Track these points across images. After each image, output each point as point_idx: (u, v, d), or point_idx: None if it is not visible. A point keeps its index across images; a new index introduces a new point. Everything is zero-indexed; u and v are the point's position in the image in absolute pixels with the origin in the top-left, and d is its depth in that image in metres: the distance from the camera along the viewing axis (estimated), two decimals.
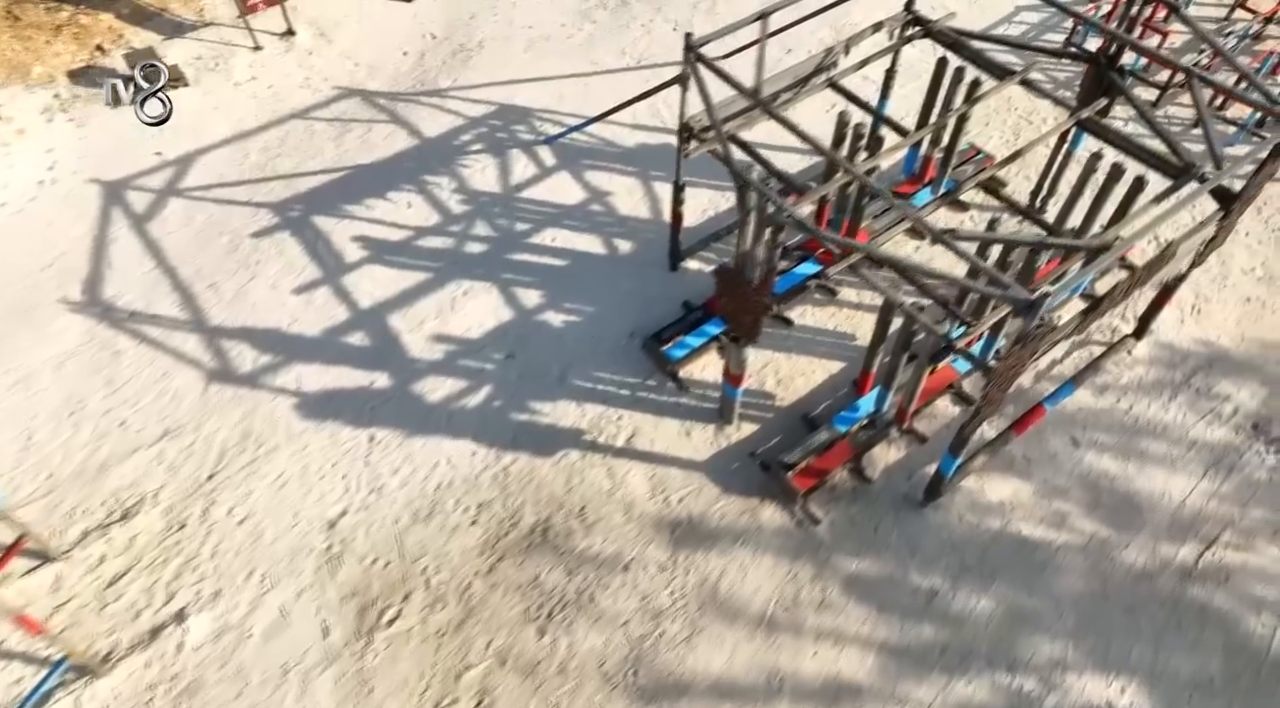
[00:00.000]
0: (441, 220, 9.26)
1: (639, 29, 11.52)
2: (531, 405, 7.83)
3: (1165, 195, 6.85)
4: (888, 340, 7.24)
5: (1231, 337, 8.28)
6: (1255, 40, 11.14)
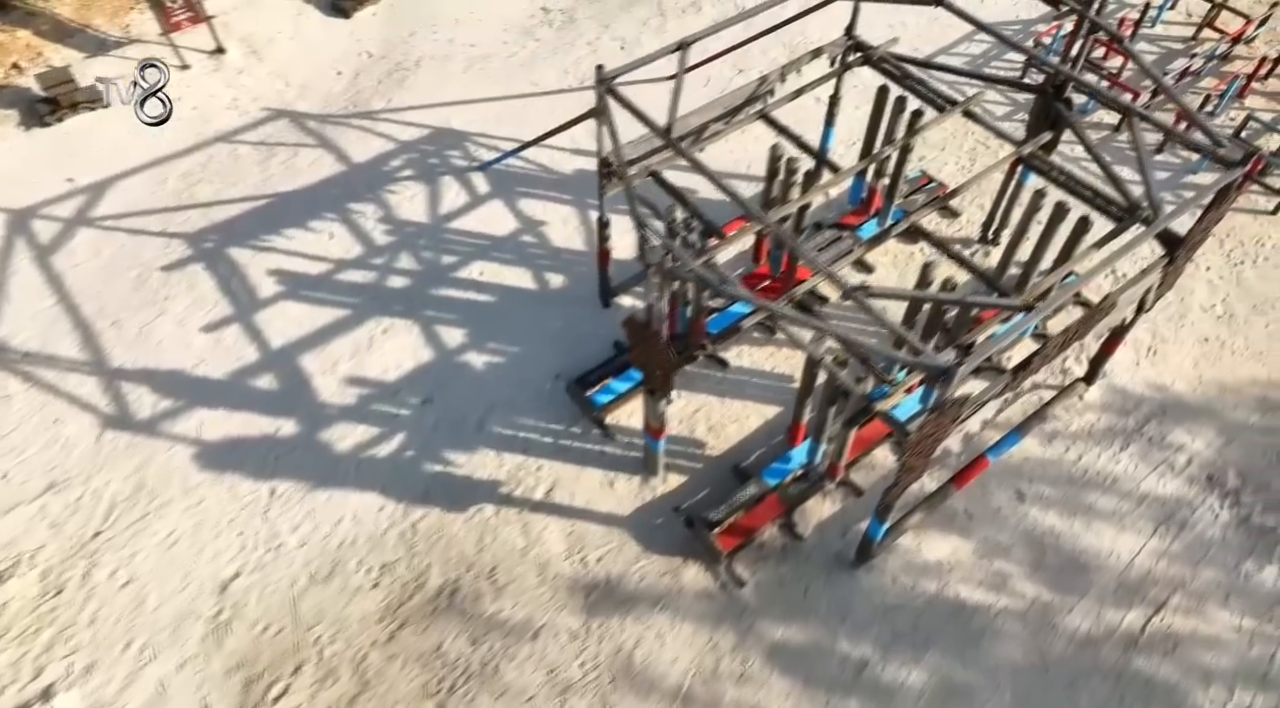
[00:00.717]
0: (364, 252, 8.81)
1: (584, 48, 11.10)
2: (447, 455, 7.38)
3: (1108, 239, 6.48)
4: (815, 393, 6.83)
5: (1188, 380, 7.89)
6: (1223, 61, 10.77)
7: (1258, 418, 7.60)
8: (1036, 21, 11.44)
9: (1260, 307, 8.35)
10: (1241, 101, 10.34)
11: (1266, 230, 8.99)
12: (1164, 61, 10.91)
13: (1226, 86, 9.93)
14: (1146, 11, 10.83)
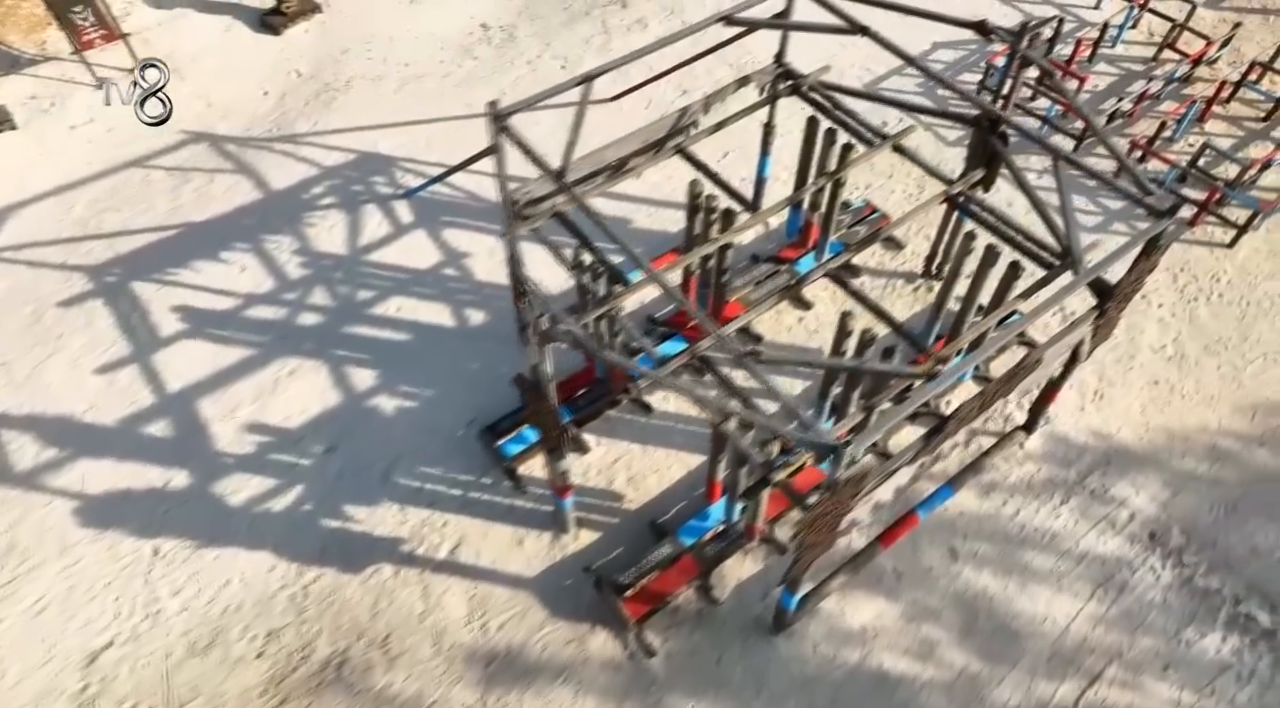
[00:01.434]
0: (276, 287, 8.38)
1: (524, 67, 10.68)
2: (347, 509, 6.96)
3: (1036, 288, 6.10)
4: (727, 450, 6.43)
5: (1135, 427, 7.51)
6: (1184, 83, 10.41)
7: (1206, 468, 7.23)
8: (995, 42, 11.07)
9: (1212, 347, 7.99)
10: (1202, 126, 9.99)
11: (1222, 264, 8.62)
12: (1124, 83, 10.55)
13: (1185, 111, 9.57)
14: (1105, 32, 10.48)
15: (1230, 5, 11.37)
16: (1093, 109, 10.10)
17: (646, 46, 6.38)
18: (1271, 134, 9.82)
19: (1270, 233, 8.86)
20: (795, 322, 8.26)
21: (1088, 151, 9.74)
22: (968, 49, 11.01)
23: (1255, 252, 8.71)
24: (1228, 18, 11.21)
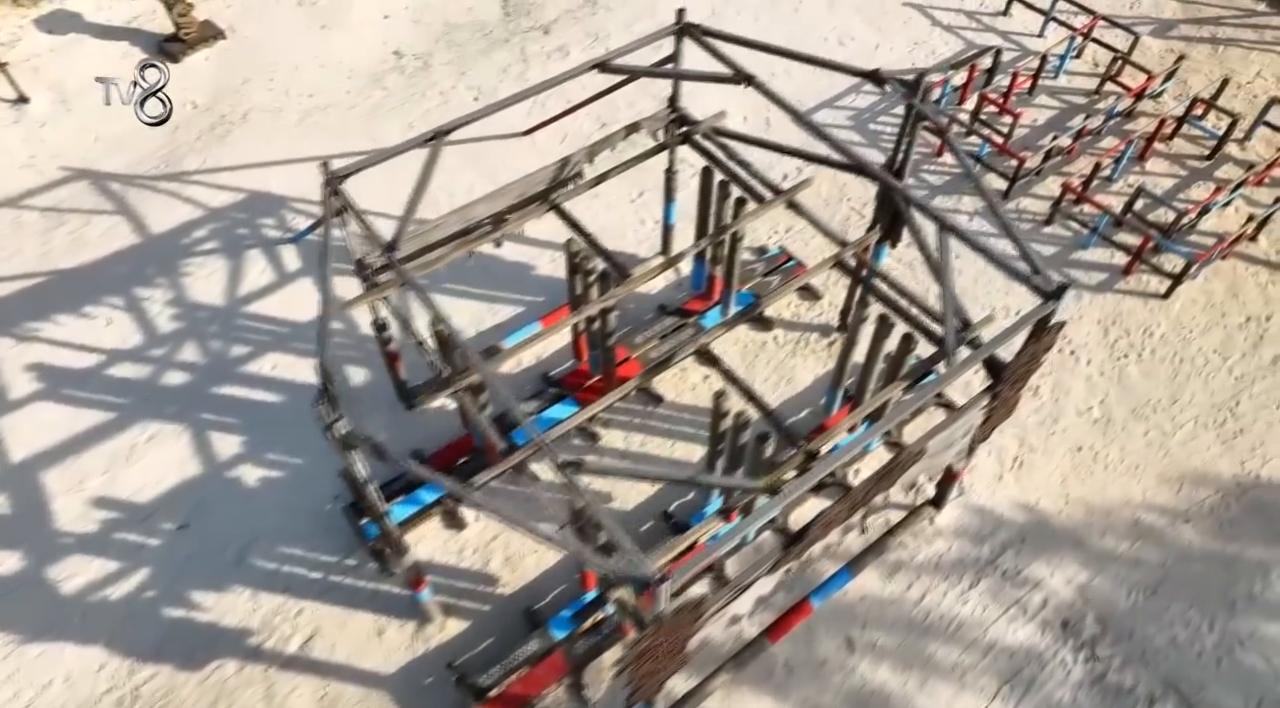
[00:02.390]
0: (144, 342, 7.81)
1: (435, 98, 10.15)
2: (194, 596, 6.40)
3: (923, 370, 5.60)
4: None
5: (1054, 499, 7.02)
6: (1127, 118, 9.94)
7: (1126, 547, 6.74)
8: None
9: (1140, 410, 7.50)
10: (1143, 165, 9.52)
11: (1156, 317, 8.14)
12: (1066, 117, 10.06)
13: (1122, 150, 9.08)
14: (1044, 63, 10.00)
15: (1178, 34, 10.92)
16: (1031, 145, 9.62)
17: (518, 93, 5.89)
18: (1215, 174, 9.38)
19: (1208, 282, 8.40)
20: (700, 380, 7.75)
21: (1023, 191, 9.27)
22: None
23: (1191, 303, 8.23)
24: (1175, 47, 10.75)
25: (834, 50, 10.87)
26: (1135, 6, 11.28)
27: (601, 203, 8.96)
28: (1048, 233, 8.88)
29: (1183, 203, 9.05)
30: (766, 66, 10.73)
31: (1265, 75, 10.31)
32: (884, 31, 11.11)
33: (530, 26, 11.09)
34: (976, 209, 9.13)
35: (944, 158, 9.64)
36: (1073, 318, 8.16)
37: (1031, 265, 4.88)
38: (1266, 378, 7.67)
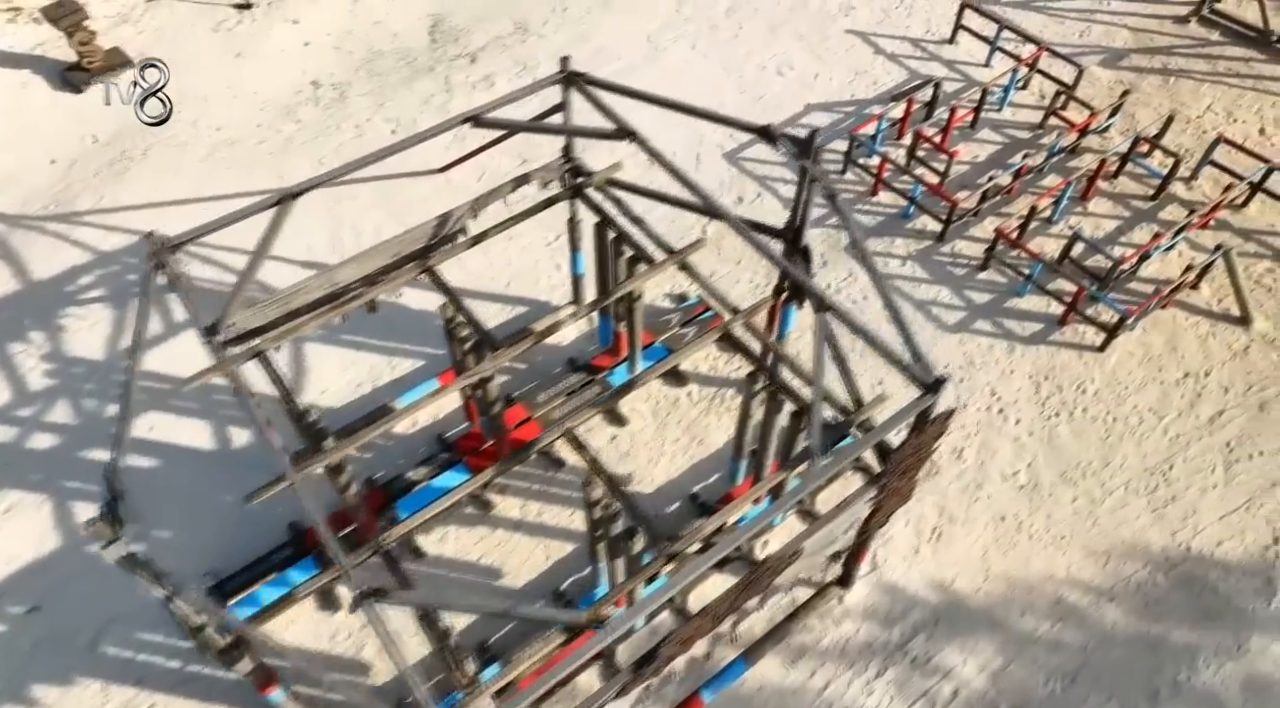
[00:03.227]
0: (11, 401, 7.31)
1: (350, 131, 9.69)
2: (36, 691, 5.90)
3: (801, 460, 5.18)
4: None
5: (973, 575, 6.60)
6: (1071, 154, 9.54)
7: (1046, 628, 6.32)
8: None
9: (1070, 475, 7.09)
10: (1085, 205, 9.12)
11: (1091, 372, 7.74)
12: (1009, 152, 9.65)
13: (1062, 190, 8.68)
14: (985, 96, 9.58)
15: (1129, 65, 10.52)
16: (972, 183, 9.21)
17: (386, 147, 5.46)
18: (1159, 215, 8.99)
19: (1146, 334, 8.00)
20: (607, 441, 7.32)
21: (959, 234, 8.85)
22: (842, 112, 10.12)
23: (1128, 356, 7.83)
24: (1125, 79, 10.37)
25: (771, 80, 10.45)
26: (1085, 35, 10.90)
27: (516, 246, 8.52)
28: (983, 279, 8.46)
29: (1126, 246, 8.66)
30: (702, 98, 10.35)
31: (1216, 109, 9.93)
32: (825, 60, 10.69)
33: (457, 54, 10.65)
34: (910, 252, 8.72)
35: (880, 196, 9.24)
36: (1004, 372, 7.75)
37: (913, 352, 4.46)
38: (1203, 438, 7.27)
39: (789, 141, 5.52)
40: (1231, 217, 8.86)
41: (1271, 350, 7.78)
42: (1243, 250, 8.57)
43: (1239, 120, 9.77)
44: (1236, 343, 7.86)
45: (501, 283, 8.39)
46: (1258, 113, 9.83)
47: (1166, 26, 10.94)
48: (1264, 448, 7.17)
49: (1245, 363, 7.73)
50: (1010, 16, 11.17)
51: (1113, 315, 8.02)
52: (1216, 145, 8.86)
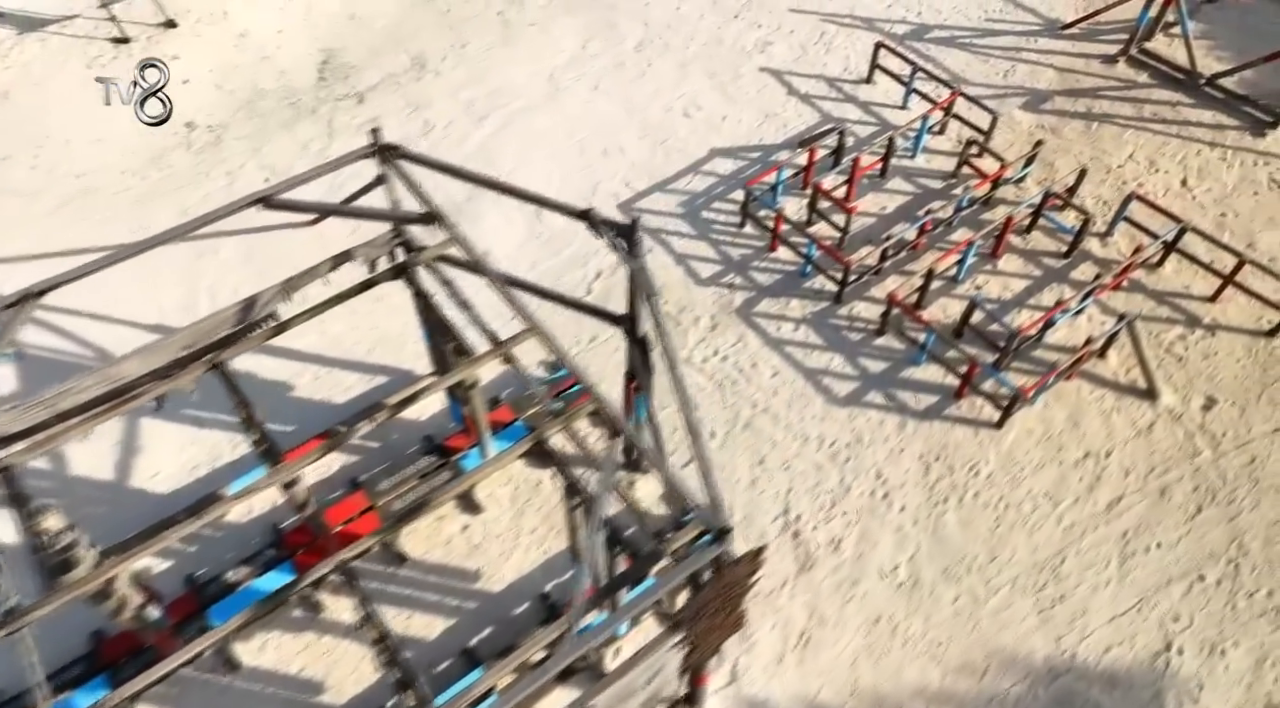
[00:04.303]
0: None
1: (222, 178, 9.11)
2: None
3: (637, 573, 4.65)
4: None
5: (839, 687, 6.07)
6: (984, 206, 9.05)
7: None
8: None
9: (953, 570, 6.58)
10: (995, 263, 8.62)
11: (986, 451, 7.23)
12: (921, 202, 9.14)
13: (966, 249, 8.16)
14: (892, 145, 9.08)
15: (1052, 108, 10.03)
16: (877, 237, 8.69)
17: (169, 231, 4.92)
18: (1071, 274, 8.51)
19: (1048, 407, 7.50)
20: (459, 531, 6.77)
21: (859, 294, 8.34)
22: (748, 158, 9.60)
23: (1027, 434, 7.33)
24: (1047, 122, 9.87)
25: (677, 123, 9.92)
26: (1010, 75, 10.41)
27: (385, 308, 7.91)
28: (880, 345, 7.94)
29: (1034, 309, 8.10)
30: (601, 141, 9.80)
31: (1138, 158, 9.45)
32: (735, 101, 10.17)
33: (345, 94, 10.08)
34: (806, 314, 8.20)
35: (779, 251, 8.73)
36: (893, 451, 7.24)
37: (711, 496, 3.93)
38: (1099, 528, 6.77)
39: (609, 227, 4.99)
40: (1146, 277, 8.39)
41: (1177, 427, 7.31)
42: (1154, 314, 8.09)
43: (1161, 170, 9.31)
44: (1142, 419, 7.38)
45: (364, 348, 7.82)
46: (1181, 162, 9.38)
47: (1094, 67, 10.48)
48: (1162, 539, 6.69)
49: (1149, 442, 7.25)
50: (934, 54, 10.72)
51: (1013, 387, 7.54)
52: (1129, 202, 8.38)
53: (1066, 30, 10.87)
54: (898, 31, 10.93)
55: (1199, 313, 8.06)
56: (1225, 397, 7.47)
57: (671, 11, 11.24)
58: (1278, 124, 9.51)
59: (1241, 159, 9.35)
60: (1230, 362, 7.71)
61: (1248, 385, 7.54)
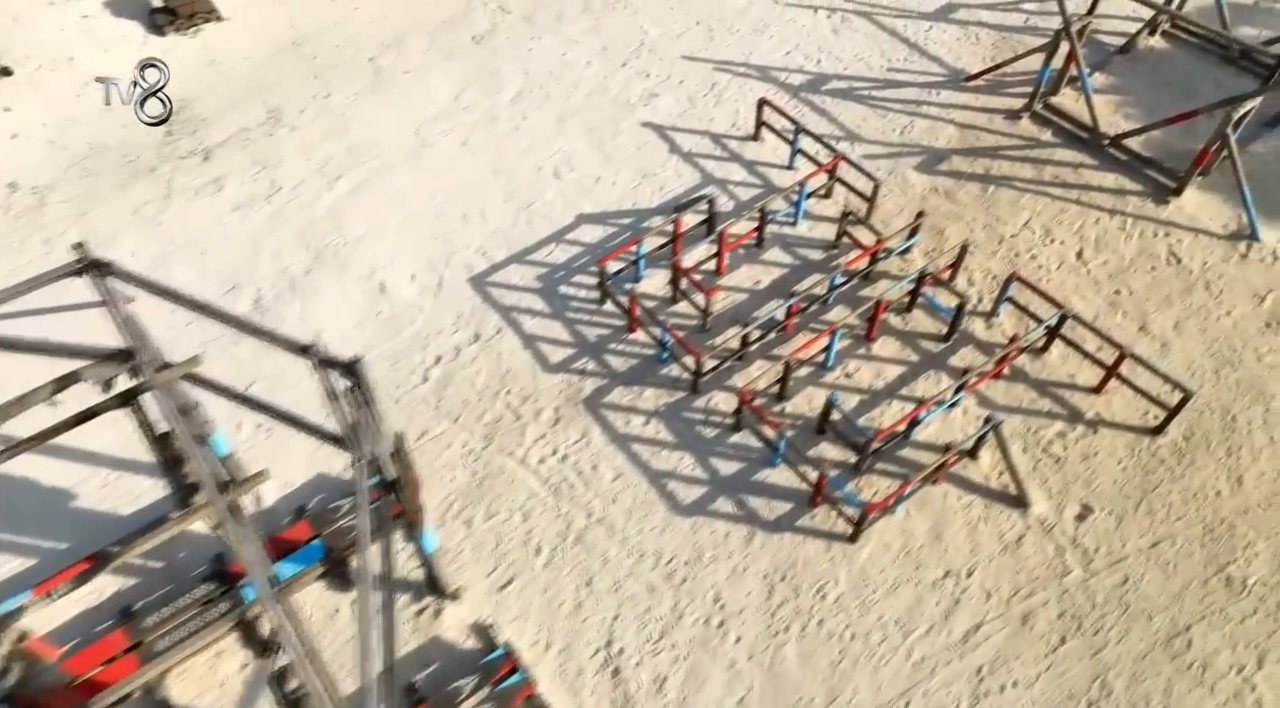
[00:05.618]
0: None
1: (38, 248, 8.33)
2: None
3: None
4: None
5: None
6: (865, 280, 8.42)
7: None
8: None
9: None
10: (870, 346, 7.97)
11: (838, 569, 6.57)
12: (798, 276, 8.49)
13: (831, 335, 7.49)
14: (765, 217, 8.38)
15: (947, 169, 9.41)
16: (744, 317, 8.02)
17: None
18: (950, 360, 7.89)
19: (910, 517, 6.85)
20: (236, 669, 6.06)
21: (718, 382, 7.66)
22: (617, 225, 8.91)
23: (883, 549, 6.68)
24: (941, 185, 9.24)
25: (546, 184, 9.25)
26: (906, 132, 9.79)
27: None
28: (735, 443, 7.27)
29: (907, 399, 7.44)
30: (463, 205, 9.16)
31: (1034, 226, 8.84)
32: (611, 159, 9.51)
33: (191, 150, 9.34)
34: (659, 407, 7.54)
35: (639, 334, 8.06)
36: (736, 570, 6.54)
37: None
38: (951, 663, 6.13)
39: (331, 367, 4.32)
40: (1030, 363, 7.79)
41: (1048, 541, 6.68)
42: (1035, 407, 7.44)
43: (1057, 240, 8.71)
44: (1010, 531, 6.76)
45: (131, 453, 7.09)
46: (1078, 232, 8.78)
47: (996, 123, 9.88)
48: (1020, 676, 6.05)
49: (1016, 558, 6.62)
50: (830, 107, 10.07)
51: (875, 493, 6.89)
52: (1010, 283, 7.77)
53: (970, 83, 10.31)
54: (794, 82, 10.32)
55: (1082, 406, 7.46)
56: (1102, 505, 6.86)
57: (557, 58, 10.60)
58: (1181, 190, 8.96)
59: (1141, 229, 8.77)
60: (1111, 463, 7.10)
61: (1127, 492, 6.94)
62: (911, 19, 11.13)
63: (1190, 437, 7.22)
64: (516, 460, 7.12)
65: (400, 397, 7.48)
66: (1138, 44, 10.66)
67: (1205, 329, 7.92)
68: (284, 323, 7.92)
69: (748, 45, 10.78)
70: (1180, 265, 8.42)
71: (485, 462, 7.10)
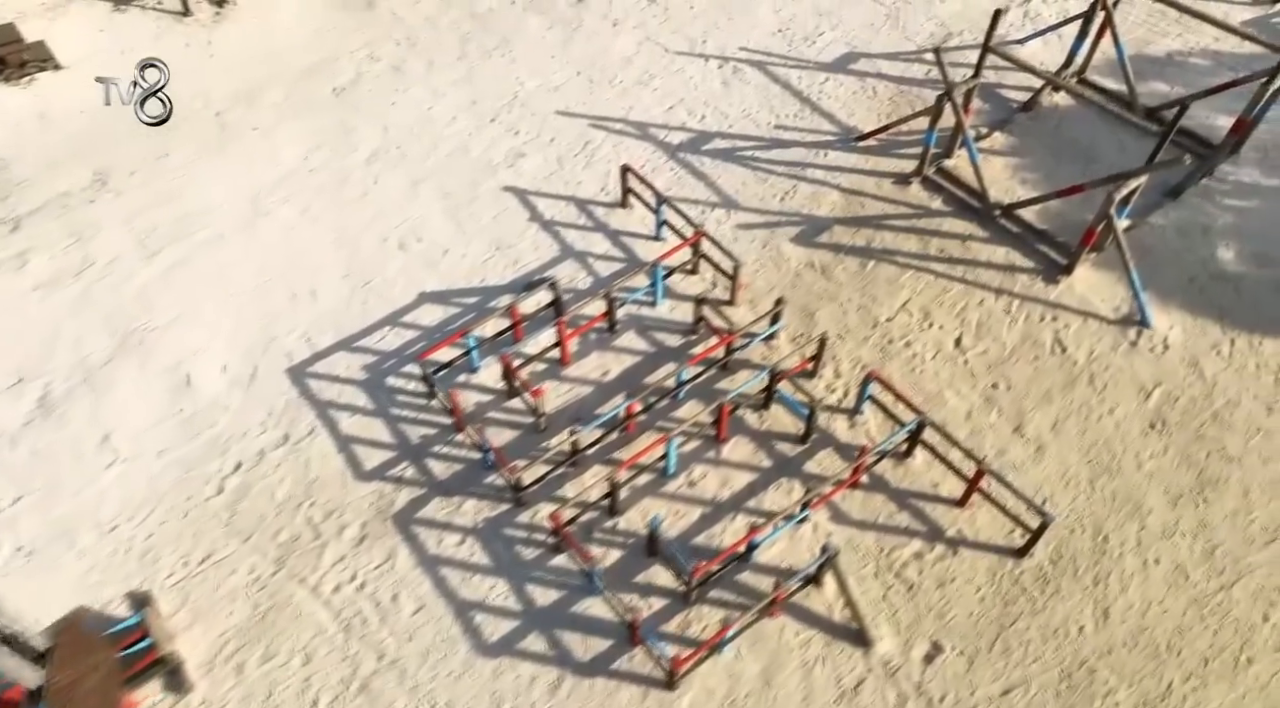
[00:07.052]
0: None
1: None
2: None
3: None
4: None
5: None
6: (724, 371, 7.70)
7: None
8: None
9: None
10: (720, 448, 7.16)
11: None
12: (657, 363, 7.76)
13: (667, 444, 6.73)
14: (613, 302, 7.65)
15: (827, 241, 8.69)
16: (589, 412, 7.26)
17: None
18: (805, 466, 7.16)
19: (741, 658, 6.01)
20: None
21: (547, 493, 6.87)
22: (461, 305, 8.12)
23: (705, 697, 5.83)
24: (818, 259, 8.52)
25: (391, 256, 8.50)
26: (788, 198, 9.09)
27: None
28: (556, 566, 6.52)
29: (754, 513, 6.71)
30: (294, 283, 8.39)
31: (912, 308, 8.14)
32: (464, 229, 8.75)
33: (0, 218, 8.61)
34: (477, 522, 6.79)
35: (465, 434, 7.31)
36: None
37: None
38: None
39: None
40: (892, 470, 7.10)
41: (890, 687, 5.98)
42: (892, 523, 6.71)
43: (936, 324, 8.03)
44: (849, 675, 6.05)
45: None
46: (959, 315, 8.11)
47: (885, 187, 9.21)
48: None
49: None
50: (709, 170, 9.34)
51: (705, 628, 6.17)
52: (869, 383, 7.11)
53: (862, 142, 9.65)
54: (673, 141, 9.63)
55: (944, 522, 6.77)
56: (954, 642, 6.16)
57: (421, 113, 9.86)
58: (1071, 268, 8.33)
59: (1028, 312, 8.11)
60: (969, 591, 6.41)
61: (982, 627, 6.25)
62: (808, 69, 10.48)
63: (1058, 560, 6.54)
64: (308, 589, 6.36)
65: (189, 511, 6.70)
66: (1041, 101, 10.07)
67: (1085, 430, 7.26)
68: (70, 423, 7.14)
69: (629, 99, 10.09)
70: (1065, 355, 7.77)
71: (272, 591, 6.33)
